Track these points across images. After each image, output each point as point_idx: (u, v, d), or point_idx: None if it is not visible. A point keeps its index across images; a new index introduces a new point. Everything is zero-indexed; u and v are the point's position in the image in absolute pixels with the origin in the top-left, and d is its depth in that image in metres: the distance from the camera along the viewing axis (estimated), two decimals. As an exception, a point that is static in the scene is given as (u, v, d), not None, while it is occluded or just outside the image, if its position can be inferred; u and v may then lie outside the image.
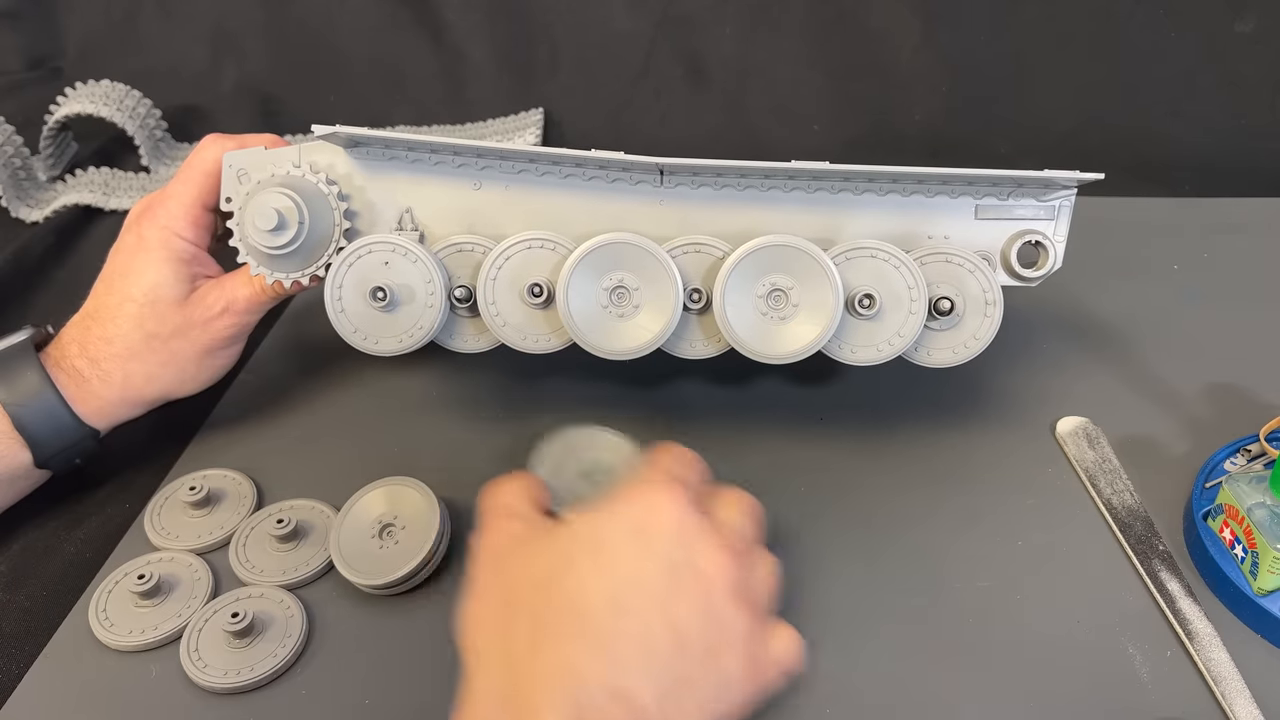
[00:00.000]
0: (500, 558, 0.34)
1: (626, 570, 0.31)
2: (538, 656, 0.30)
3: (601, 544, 0.32)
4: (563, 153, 0.43)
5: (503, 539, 0.35)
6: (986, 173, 0.42)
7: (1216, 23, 0.71)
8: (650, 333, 0.43)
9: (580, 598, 0.31)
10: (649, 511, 0.32)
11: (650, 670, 0.29)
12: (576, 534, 0.33)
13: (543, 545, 0.33)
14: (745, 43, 0.78)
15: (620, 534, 0.32)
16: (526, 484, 0.38)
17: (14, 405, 0.43)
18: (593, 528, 0.32)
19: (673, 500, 0.32)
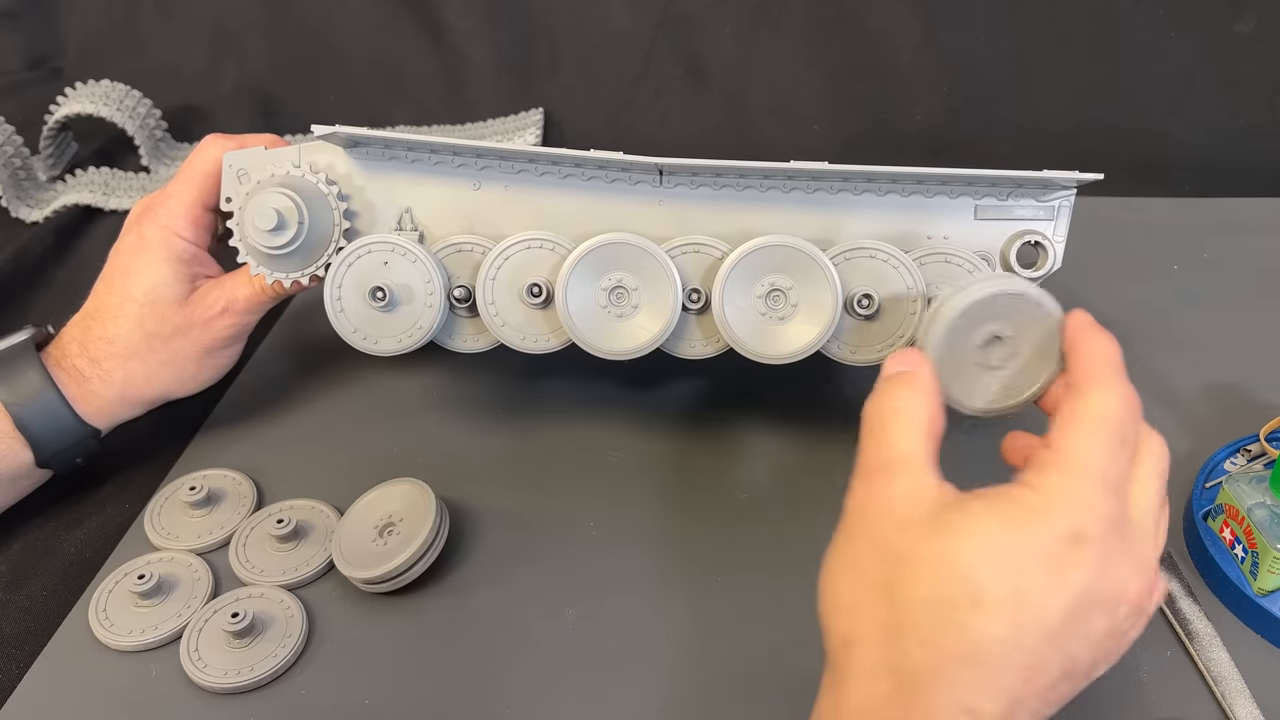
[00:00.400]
0: (882, 539, 0.29)
1: (1034, 621, 0.27)
2: (934, 689, 0.27)
3: (1014, 582, 0.27)
4: (562, 153, 0.43)
5: (887, 512, 0.30)
6: (986, 173, 0.42)
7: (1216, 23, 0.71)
8: (649, 333, 0.43)
9: (983, 646, 0.27)
10: (1069, 547, 0.27)
11: (1042, 709, 0.27)
12: (984, 552, 0.27)
13: (941, 552, 0.28)
14: (745, 43, 0.78)
15: (1034, 571, 0.27)
16: (926, 413, 0.31)
17: (15, 405, 0.44)
18: (1006, 552, 0.27)
19: (1101, 533, 0.28)
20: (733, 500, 0.47)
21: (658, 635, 0.41)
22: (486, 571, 0.44)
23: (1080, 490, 0.28)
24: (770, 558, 0.44)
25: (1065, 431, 0.30)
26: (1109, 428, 0.29)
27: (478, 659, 0.40)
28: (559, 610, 0.42)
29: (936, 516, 0.29)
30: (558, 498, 0.47)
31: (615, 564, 0.44)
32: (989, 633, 0.27)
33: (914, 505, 0.29)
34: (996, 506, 0.28)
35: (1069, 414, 0.30)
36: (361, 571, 0.41)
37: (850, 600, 0.29)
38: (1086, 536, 0.28)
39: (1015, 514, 0.28)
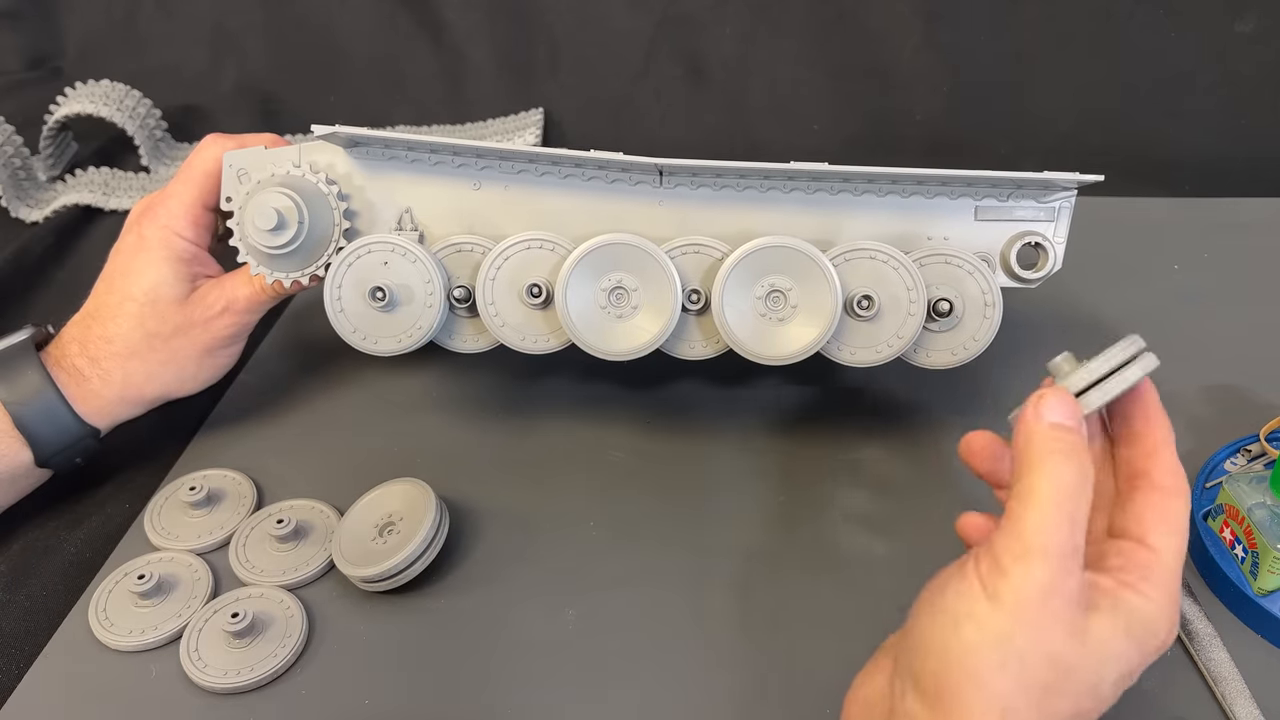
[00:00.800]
0: (1055, 645, 0.29)
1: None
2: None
3: (1127, 678, 0.30)
4: (562, 153, 0.43)
5: (1064, 610, 0.29)
6: (986, 174, 0.42)
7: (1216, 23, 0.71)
8: (649, 333, 0.43)
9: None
10: (1169, 636, 0.30)
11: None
12: (1117, 664, 0.29)
13: (1089, 668, 0.29)
14: (745, 43, 0.78)
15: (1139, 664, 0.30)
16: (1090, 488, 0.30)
17: (15, 404, 0.44)
18: (1132, 657, 0.29)
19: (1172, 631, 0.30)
20: (733, 500, 0.47)
21: (658, 635, 0.41)
22: (486, 571, 0.44)
23: (1175, 596, 0.30)
24: (771, 557, 0.44)
25: (1163, 533, 0.31)
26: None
27: (478, 659, 0.40)
28: (559, 610, 0.42)
29: (1091, 632, 0.29)
30: (558, 498, 0.47)
31: (615, 564, 0.44)
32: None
33: (1079, 610, 0.29)
34: (1129, 629, 0.29)
35: (1165, 513, 0.31)
36: (361, 570, 0.41)
37: (1005, 694, 0.28)
38: (1165, 643, 0.30)
39: (1142, 635, 0.29)
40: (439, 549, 0.43)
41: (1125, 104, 0.74)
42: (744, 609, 0.42)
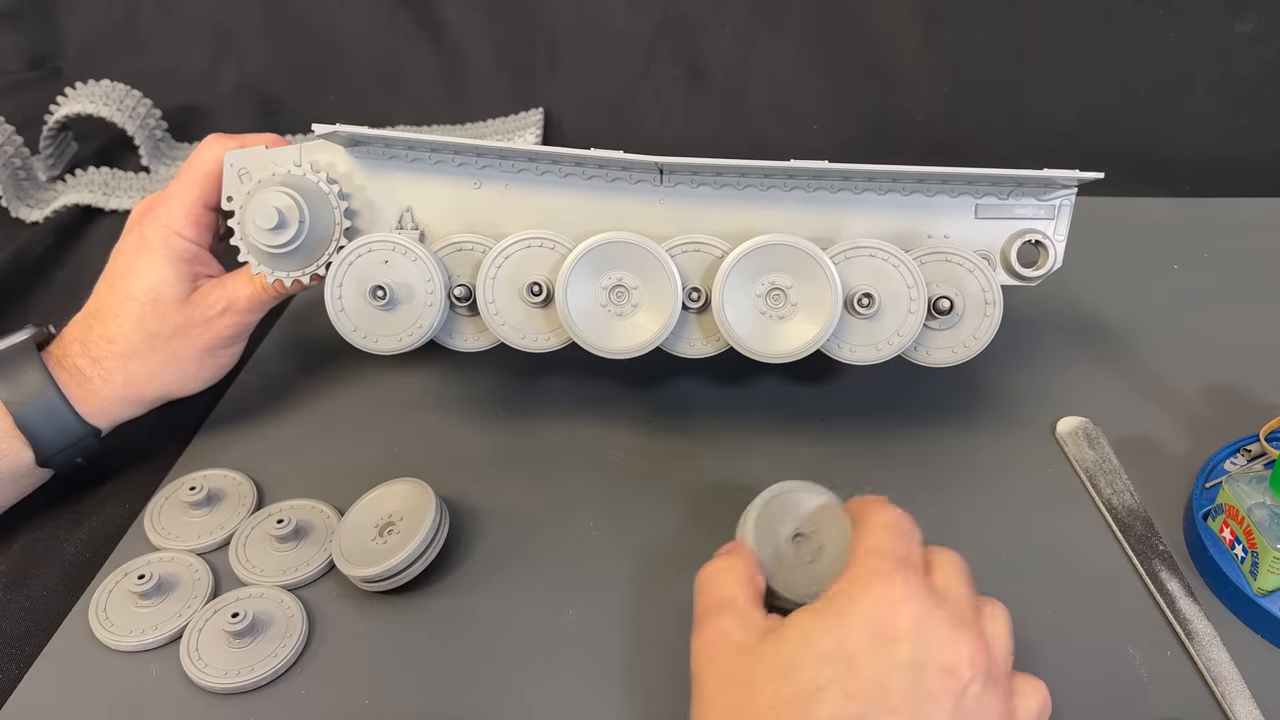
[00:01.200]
0: (725, 670, 0.32)
1: (875, 692, 0.29)
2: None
3: (845, 660, 0.29)
4: (562, 152, 0.43)
5: (724, 647, 0.32)
6: (986, 172, 0.42)
7: (1216, 23, 0.71)
8: (649, 332, 0.43)
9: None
10: (886, 610, 0.30)
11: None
12: (813, 646, 0.30)
13: (776, 660, 0.30)
14: (745, 43, 0.78)
15: (861, 644, 0.29)
16: (744, 570, 0.35)
17: (16, 404, 0.44)
18: (831, 638, 0.30)
19: (908, 594, 0.30)
20: (734, 500, 0.47)
21: (658, 635, 0.41)
22: (486, 571, 0.44)
23: (879, 567, 0.32)
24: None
25: (855, 543, 0.34)
26: (888, 526, 0.34)
27: (478, 659, 0.40)
28: (559, 610, 0.42)
29: (765, 636, 0.32)
30: (558, 498, 0.47)
31: (615, 564, 0.44)
32: (833, 714, 0.28)
33: (745, 633, 0.32)
34: (813, 607, 0.32)
35: (856, 535, 0.34)
36: (361, 570, 0.41)
37: (708, 704, 0.31)
38: (898, 600, 0.30)
39: (829, 605, 0.31)
40: (439, 549, 0.43)
41: (1125, 104, 0.74)
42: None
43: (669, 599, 0.42)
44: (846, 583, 0.31)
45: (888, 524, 0.34)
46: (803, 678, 0.29)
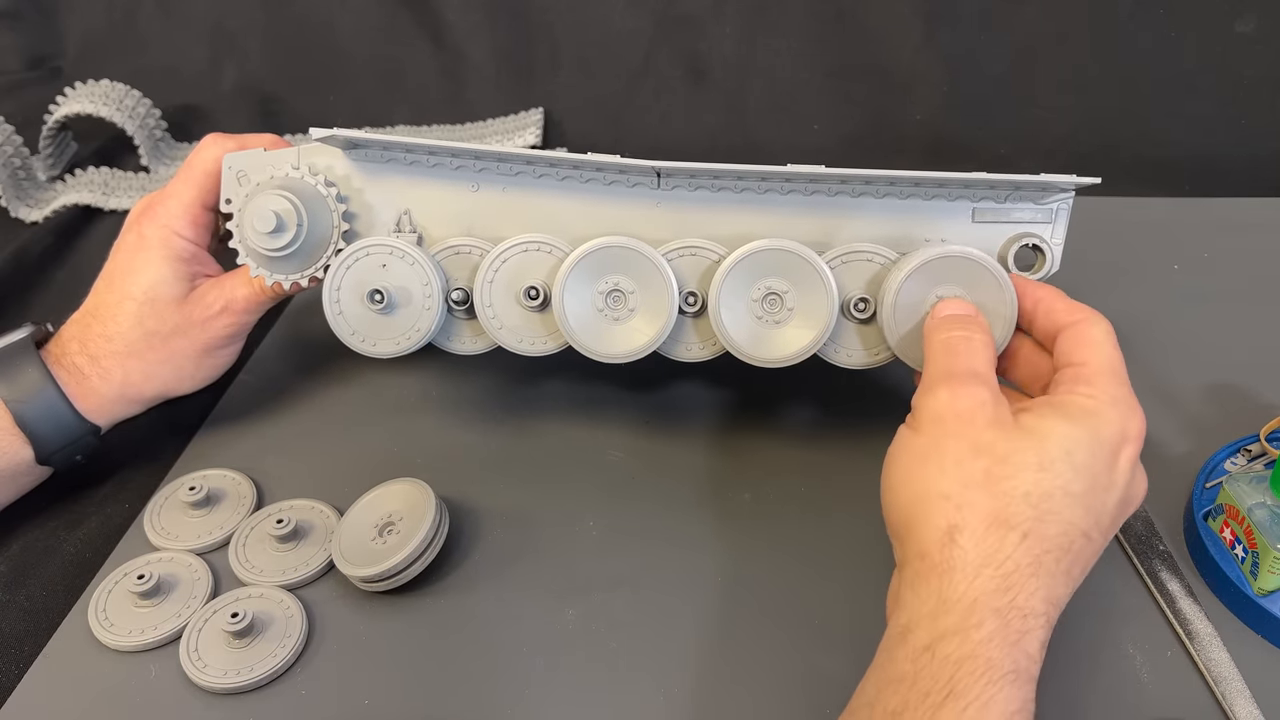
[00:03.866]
0: (980, 438, 0.33)
1: (1103, 503, 0.33)
2: (1031, 582, 0.31)
3: (1091, 478, 0.33)
4: (559, 156, 0.43)
5: (981, 415, 0.34)
6: (984, 176, 0.41)
7: (1216, 23, 0.71)
8: (645, 336, 0.43)
9: (1072, 536, 0.32)
10: (1123, 444, 0.34)
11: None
12: (1071, 456, 0.33)
13: (1039, 454, 0.33)
14: (745, 43, 0.78)
15: (1102, 468, 0.33)
16: (992, 348, 0.37)
17: (15, 402, 0.44)
18: (1084, 453, 0.33)
19: (1138, 432, 0.35)
20: (734, 500, 0.47)
21: (658, 635, 0.41)
22: (486, 571, 0.44)
23: (1118, 394, 0.35)
24: (771, 556, 0.44)
25: (1085, 350, 0.36)
26: (1114, 342, 0.36)
27: (478, 659, 0.40)
28: (559, 610, 0.42)
29: (1021, 423, 0.34)
30: (558, 498, 0.47)
31: (615, 564, 0.44)
32: (1077, 523, 0.32)
33: (1000, 410, 0.34)
34: (1069, 415, 0.34)
35: (1081, 338, 0.37)
36: (361, 569, 0.41)
37: (953, 493, 0.32)
38: (1129, 436, 0.34)
39: (1084, 420, 0.34)
40: (439, 549, 0.43)
41: (1125, 104, 0.74)
42: (744, 608, 0.42)
43: (669, 599, 0.42)
44: (1093, 400, 0.34)
45: (1111, 335, 0.36)
46: (1058, 479, 0.32)
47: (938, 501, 0.32)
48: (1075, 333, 0.37)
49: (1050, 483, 0.32)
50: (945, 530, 0.32)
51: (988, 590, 0.30)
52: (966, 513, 0.32)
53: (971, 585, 0.31)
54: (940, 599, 0.31)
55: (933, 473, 0.33)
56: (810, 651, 0.40)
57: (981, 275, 0.41)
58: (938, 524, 0.32)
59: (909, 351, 0.42)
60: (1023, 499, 0.32)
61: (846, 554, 0.44)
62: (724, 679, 0.39)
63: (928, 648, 0.30)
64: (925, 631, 0.30)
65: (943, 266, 0.41)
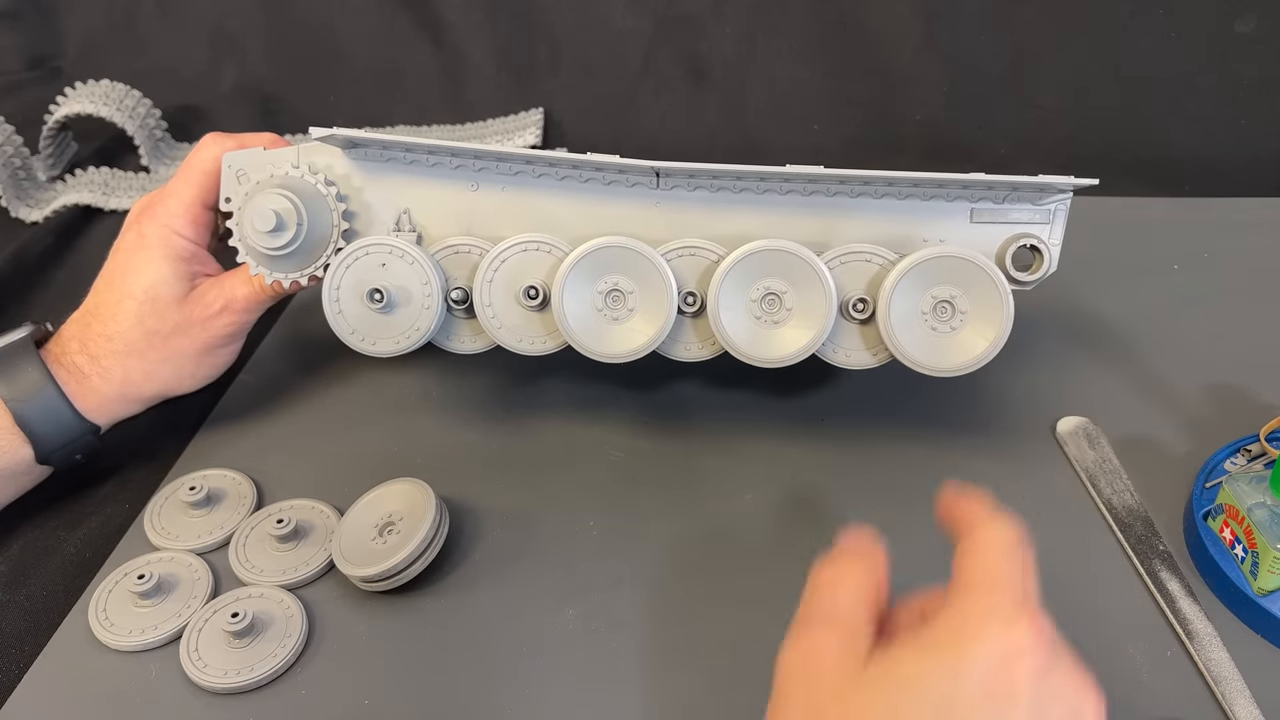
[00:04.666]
0: (818, 697, 0.29)
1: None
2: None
3: (954, 712, 0.26)
4: (559, 155, 0.43)
5: (822, 666, 0.29)
6: (982, 177, 0.41)
7: (1216, 23, 0.71)
8: (644, 336, 0.43)
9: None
10: (1002, 665, 0.26)
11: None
12: (922, 696, 0.26)
13: (879, 702, 0.27)
14: (745, 43, 0.78)
15: (973, 702, 0.26)
16: (873, 581, 0.31)
17: (15, 401, 0.44)
18: (942, 689, 0.26)
19: (1030, 645, 0.27)
20: (734, 500, 0.47)
21: (658, 635, 0.41)
22: (486, 571, 0.44)
23: (997, 606, 0.28)
24: (771, 556, 0.44)
25: (966, 563, 0.30)
26: (1007, 551, 0.29)
27: (478, 659, 0.40)
28: (559, 610, 0.42)
29: (866, 672, 0.28)
30: (558, 498, 0.47)
31: (615, 564, 0.44)
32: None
33: (848, 658, 0.29)
34: (921, 645, 0.28)
35: (965, 550, 0.30)
36: (361, 570, 0.41)
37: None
38: (1018, 653, 0.26)
39: (941, 647, 0.27)
40: (439, 549, 0.43)
41: (1125, 104, 0.74)
42: (743, 608, 0.42)
43: (669, 599, 0.42)
44: (959, 617, 0.28)
45: (1006, 548, 0.30)
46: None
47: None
48: (964, 546, 0.31)
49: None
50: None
51: None
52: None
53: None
54: None
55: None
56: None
57: (977, 276, 0.41)
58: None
59: (908, 352, 0.42)
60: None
61: (846, 554, 0.44)
62: (724, 679, 0.39)
63: None
64: None
65: (939, 267, 0.41)
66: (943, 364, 0.42)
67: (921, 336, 0.42)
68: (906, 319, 0.42)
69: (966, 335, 0.42)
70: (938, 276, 0.42)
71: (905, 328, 0.42)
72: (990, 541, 0.30)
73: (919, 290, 0.42)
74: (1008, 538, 0.30)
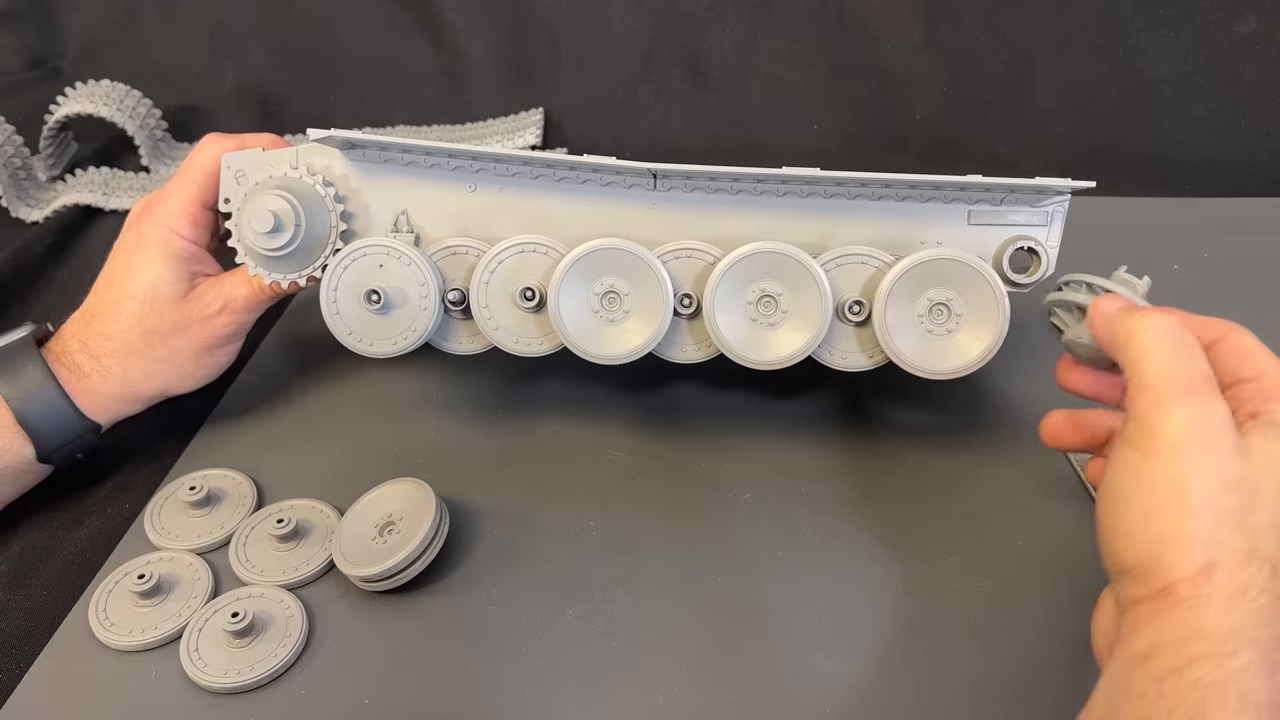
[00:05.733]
0: (1228, 469, 0.30)
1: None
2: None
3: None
4: (556, 157, 0.43)
5: (1223, 436, 0.31)
6: (979, 179, 0.41)
7: (1216, 23, 0.71)
8: (640, 338, 0.43)
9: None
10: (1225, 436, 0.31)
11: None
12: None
13: (1271, 483, 0.30)
14: (745, 43, 0.78)
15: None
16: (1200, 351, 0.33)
17: (16, 400, 0.44)
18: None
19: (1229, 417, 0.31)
20: (734, 500, 0.47)
21: (658, 635, 0.41)
22: (486, 571, 0.44)
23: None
24: (772, 557, 0.44)
25: (1255, 363, 0.33)
26: (1170, 339, 0.32)
27: (478, 659, 0.40)
28: (559, 610, 0.42)
29: (1251, 447, 0.31)
30: (558, 498, 0.48)
31: (615, 564, 0.44)
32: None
33: (1232, 430, 0.31)
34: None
35: (1238, 351, 0.34)
36: (361, 570, 0.41)
37: (1206, 534, 0.30)
38: (1228, 423, 0.31)
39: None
40: (439, 549, 0.43)
41: (1125, 104, 0.73)
42: (743, 608, 0.42)
43: (669, 599, 0.42)
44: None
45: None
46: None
47: (1188, 543, 0.30)
48: (1233, 346, 0.34)
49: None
50: (1199, 569, 0.30)
51: (1243, 624, 0.29)
52: (1221, 552, 0.29)
53: (1226, 618, 0.29)
54: (1189, 630, 0.29)
55: (1180, 514, 0.30)
56: (810, 651, 0.40)
57: (973, 279, 0.41)
58: (1189, 564, 0.30)
59: (904, 355, 0.42)
60: (1268, 530, 0.30)
61: (847, 554, 0.44)
62: (724, 679, 0.39)
63: (1174, 670, 0.29)
64: (1171, 657, 0.29)
65: (935, 269, 0.41)
66: (939, 367, 0.43)
67: (917, 339, 0.42)
68: (902, 322, 0.42)
69: (963, 338, 0.42)
70: (934, 279, 0.42)
71: (901, 330, 0.42)
72: (1258, 342, 0.34)
73: (915, 293, 0.42)
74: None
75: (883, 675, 0.39)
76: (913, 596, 0.42)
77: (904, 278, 0.41)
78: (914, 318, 0.42)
